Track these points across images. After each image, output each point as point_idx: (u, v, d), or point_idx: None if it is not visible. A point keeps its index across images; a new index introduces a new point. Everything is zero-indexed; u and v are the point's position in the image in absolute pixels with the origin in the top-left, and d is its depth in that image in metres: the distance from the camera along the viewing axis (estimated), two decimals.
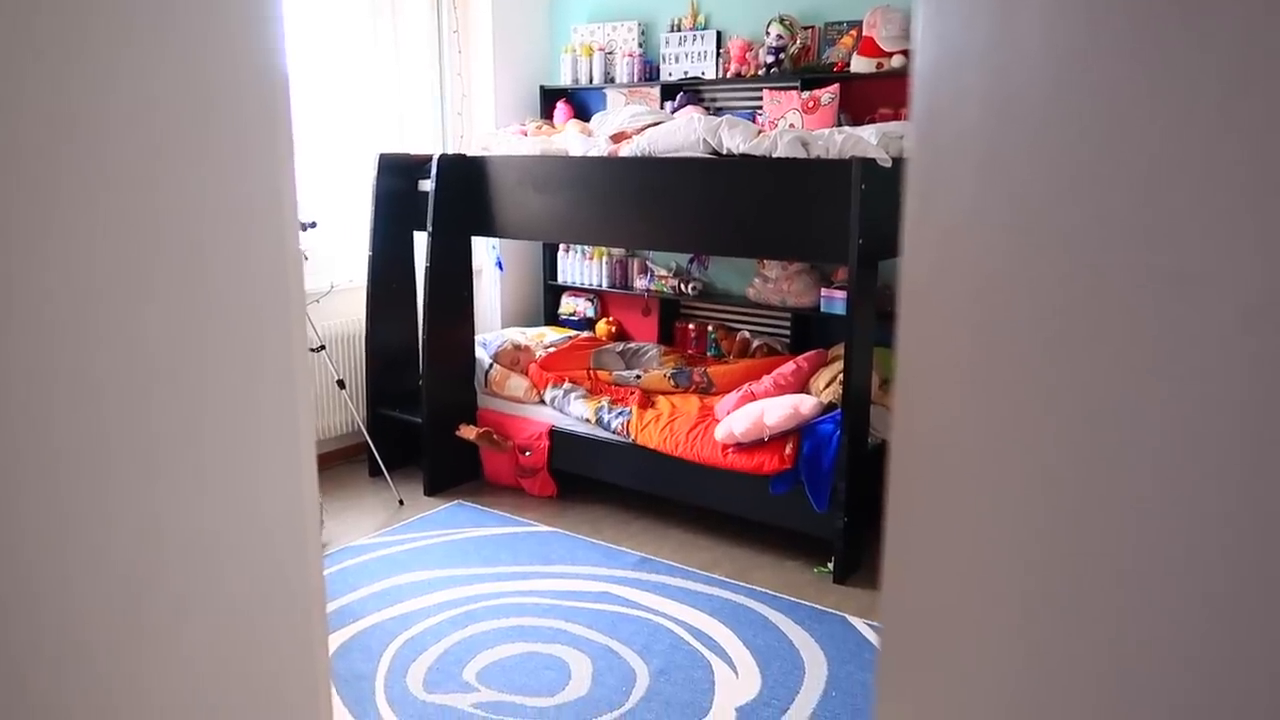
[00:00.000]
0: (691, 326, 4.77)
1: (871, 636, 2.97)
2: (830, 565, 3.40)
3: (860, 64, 4.01)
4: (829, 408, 3.49)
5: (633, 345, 4.57)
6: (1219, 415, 0.38)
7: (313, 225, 3.84)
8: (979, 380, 0.45)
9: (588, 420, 3.94)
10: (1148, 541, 0.41)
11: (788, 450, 3.40)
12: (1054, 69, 0.41)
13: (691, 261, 4.72)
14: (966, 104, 0.43)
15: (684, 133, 3.60)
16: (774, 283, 4.25)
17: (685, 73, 4.65)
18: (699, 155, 3.57)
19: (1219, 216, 0.37)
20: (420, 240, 4.24)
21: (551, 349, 4.46)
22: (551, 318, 5.20)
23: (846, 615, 3.11)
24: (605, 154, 3.83)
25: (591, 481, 4.06)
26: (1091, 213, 0.40)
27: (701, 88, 4.66)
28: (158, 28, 0.62)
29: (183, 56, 0.63)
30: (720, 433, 3.53)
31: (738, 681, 2.74)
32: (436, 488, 4.16)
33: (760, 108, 4.33)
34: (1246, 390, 0.37)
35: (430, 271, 4.05)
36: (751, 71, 4.39)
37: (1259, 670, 0.38)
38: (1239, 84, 0.36)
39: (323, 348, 4.03)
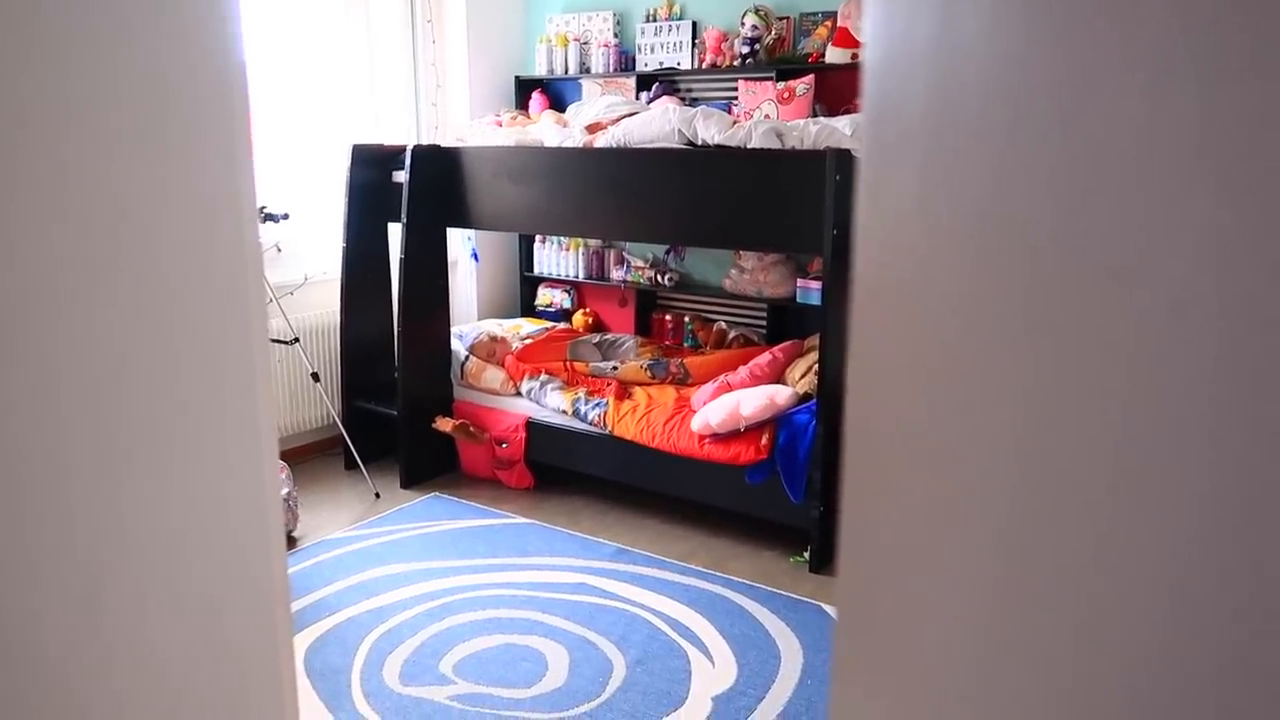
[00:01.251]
0: (668, 317, 4.76)
1: None
2: (806, 555, 3.42)
3: (835, 55, 4.02)
4: (805, 398, 3.50)
5: (609, 336, 4.57)
6: (1153, 403, 0.39)
7: (285, 217, 3.81)
8: (926, 368, 0.45)
9: (564, 412, 3.94)
10: (1090, 523, 0.41)
11: (764, 441, 3.41)
12: (994, 67, 0.41)
13: (668, 252, 4.72)
14: (911, 100, 0.44)
15: (659, 123, 3.60)
16: (750, 273, 4.25)
17: (661, 63, 4.64)
18: (674, 146, 3.57)
19: (1149, 212, 0.38)
20: (395, 232, 4.22)
21: (528, 340, 4.44)
22: (528, 309, 5.18)
23: (822, 604, 3.13)
24: (581, 145, 3.82)
25: (568, 473, 4.05)
26: (1029, 207, 0.41)
27: (677, 78, 4.65)
28: (110, 19, 0.61)
29: (135, 46, 0.62)
30: (697, 423, 3.54)
31: (714, 671, 2.75)
32: (413, 480, 4.14)
33: (735, 98, 4.33)
34: (1178, 379, 0.38)
35: (405, 263, 4.03)
36: (727, 62, 4.38)
37: (1204, 646, 0.39)
38: (1167, 84, 0.37)
39: (297, 340, 4.00)
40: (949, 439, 0.45)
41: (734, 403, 3.47)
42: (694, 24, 4.54)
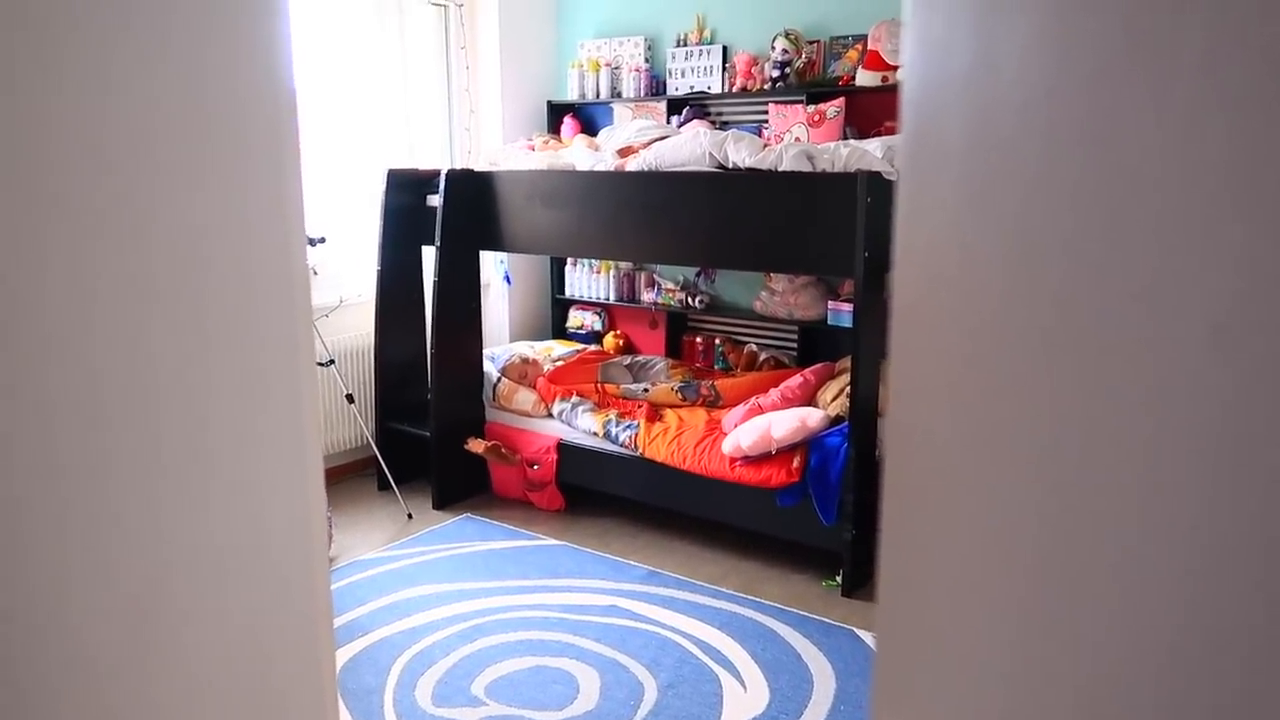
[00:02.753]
0: (699, 340, 4.77)
1: None
2: (838, 578, 3.40)
3: (865, 77, 4.02)
4: (836, 420, 3.48)
5: (640, 358, 4.58)
6: (1190, 426, 0.39)
7: (322, 240, 3.86)
8: (967, 392, 0.46)
9: (595, 433, 3.95)
10: (1133, 546, 0.41)
11: (795, 463, 3.40)
12: (1030, 93, 0.42)
13: (699, 275, 4.73)
14: (949, 130, 0.44)
15: (690, 147, 3.62)
16: (781, 296, 4.25)
17: (691, 87, 4.67)
18: (705, 169, 3.59)
19: (1187, 235, 0.38)
20: (429, 255, 4.27)
21: (559, 362, 4.47)
22: (559, 331, 5.21)
23: (855, 629, 3.10)
24: (612, 168, 3.85)
25: (599, 495, 4.06)
26: (1067, 230, 0.41)
27: (707, 102, 4.68)
28: (164, 46, 0.63)
29: (190, 73, 0.64)
30: (728, 446, 3.53)
31: (746, 695, 2.73)
32: (445, 501, 4.16)
33: (766, 121, 4.35)
34: (1215, 403, 0.38)
35: (439, 286, 4.07)
36: (757, 86, 4.41)
37: (1251, 680, 0.38)
38: (1202, 111, 0.37)
39: (332, 362, 4.05)
40: (988, 460, 0.45)
41: (765, 425, 3.46)
42: (724, 48, 4.57)
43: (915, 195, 0.47)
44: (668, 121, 4.60)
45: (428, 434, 4.16)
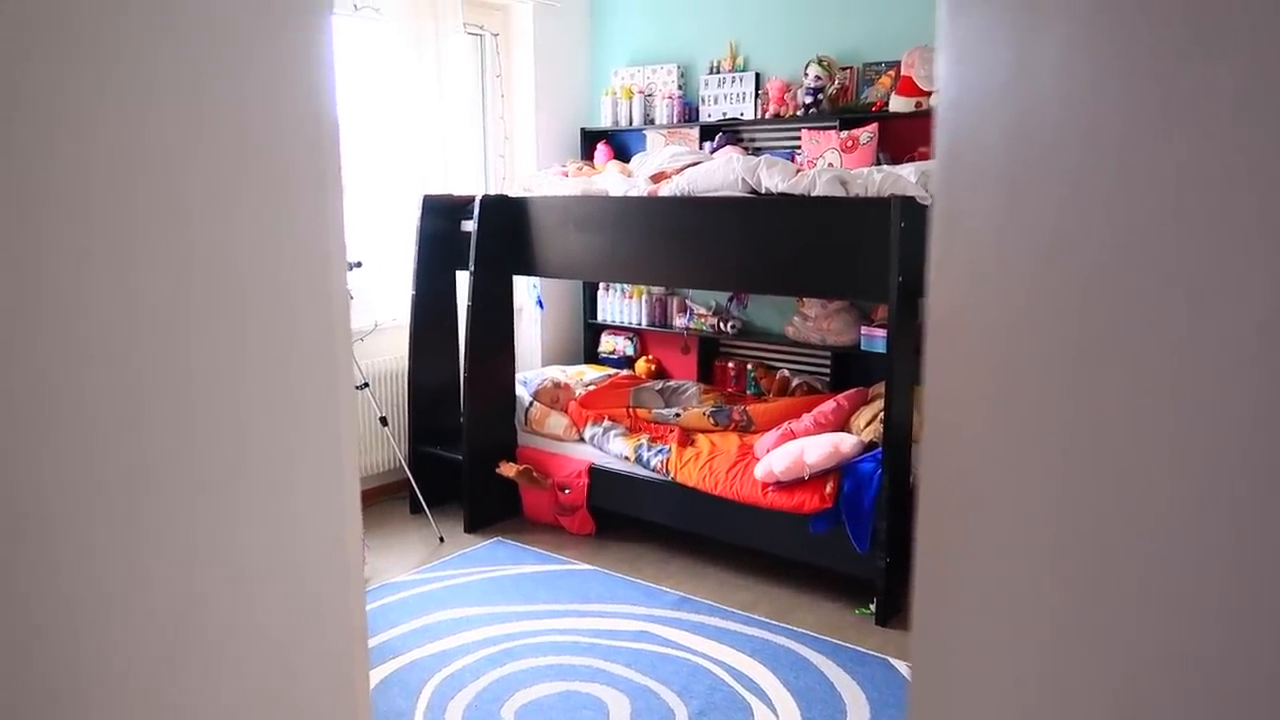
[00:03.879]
0: (731, 365, 4.76)
1: None
2: (872, 607, 3.35)
3: (899, 103, 4.03)
4: (870, 446, 3.46)
5: (672, 383, 4.58)
6: (1242, 430, 0.38)
7: (358, 265, 3.92)
8: (1006, 410, 0.45)
9: (627, 458, 3.95)
10: (1178, 572, 0.41)
11: (828, 489, 3.37)
12: (1067, 105, 0.42)
13: (731, 300, 4.73)
14: (986, 140, 0.45)
15: (723, 172, 3.63)
16: (813, 321, 4.24)
17: (724, 114, 4.70)
18: (738, 194, 3.60)
19: (1230, 236, 0.38)
20: (463, 279, 4.31)
21: (591, 387, 4.48)
22: (591, 356, 5.23)
23: (889, 658, 3.06)
24: (645, 194, 3.87)
25: (630, 519, 4.05)
26: (1108, 239, 0.41)
27: (740, 128, 4.70)
28: (211, 72, 0.65)
29: (235, 99, 0.66)
30: (760, 471, 3.51)
31: None
32: (476, 525, 4.18)
33: (799, 147, 4.36)
34: (1266, 401, 0.38)
35: (472, 310, 4.11)
36: (790, 112, 4.42)
37: None
38: (1245, 111, 0.37)
39: (366, 385, 4.09)
40: (1024, 481, 0.45)
41: (798, 451, 3.44)
42: (757, 75, 4.59)
43: (952, 207, 0.47)
44: (700, 148, 4.62)
45: (460, 457, 4.19)
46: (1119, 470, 0.42)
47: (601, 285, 5.07)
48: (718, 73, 4.72)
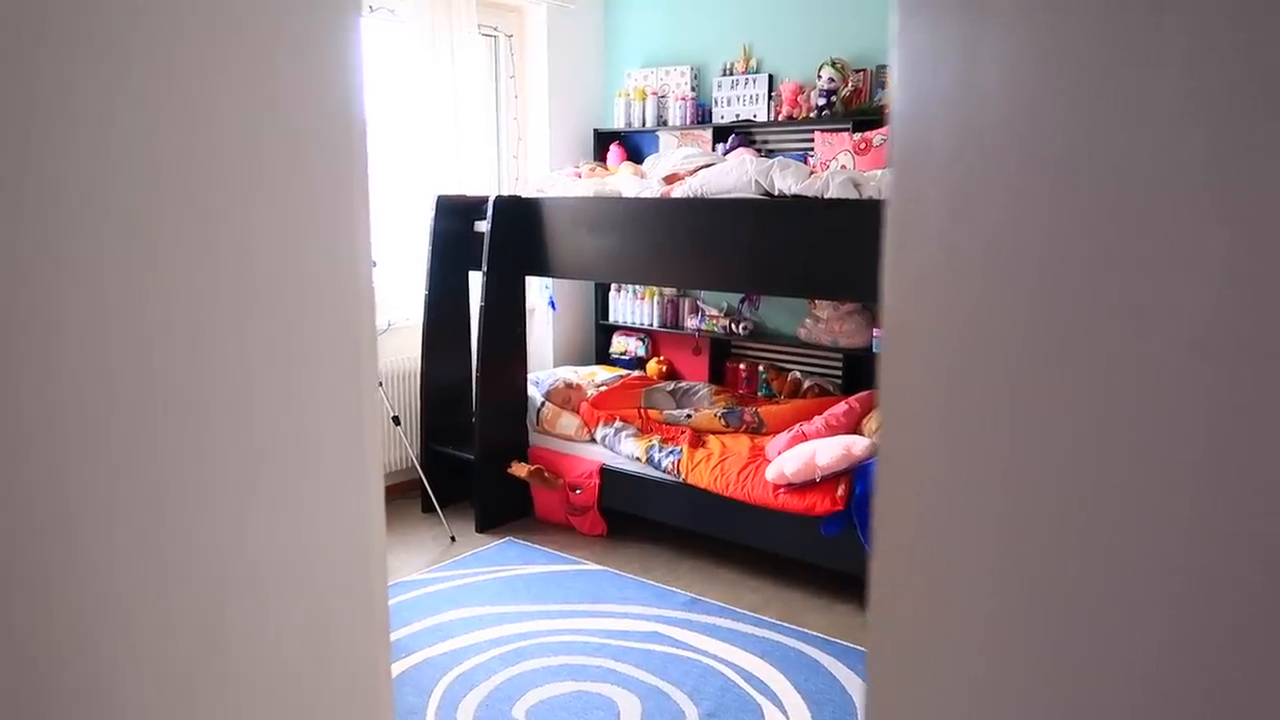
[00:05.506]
0: (742, 366, 4.76)
1: None
2: None
3: None
4: None
5: (683, 384, 4.58)
6: (1173, 441, 0.40)
7: (373, 264, 3.93)
8: (956, 414, 0.46)
9: (638, 459, 3.95)
10: (1119, 562, 0.42)
11: (840, 491, 3.37)
12: (1012, 111, 0.43)
13: (742, 301, 4.74)
14: (936, 148, 0.45)
15: (736, 174, 3.63)
16: (825, 323, 4.24)
17: (737, 115, 4.70)
18: (751, 196, 3.60)
19: (1166, 251, 0.39)
20: (475, 280, 4.32)
21: (603, 388, 4.48)
22: (603, 357, 5.24)
23: None
24: (658, 195, 3.88)
25: (641, 520, 4.05)
26: (1052, 250, 0.42)
27: (753, 130, 4.70)
28: (243, 71, 0.66)
29: (267, 97, 0.67)
30: (771, 473, 3.51)
31: None
32: (488, 524, 4.19)
33: (812, 149, 4.36)
34: (1198, 416, 0.39)
35: (485, 311, 4.12)
36: (803, 114, 4.42)
37: (1229, 679, 0.39)
38: (1181, 128, 0.38)
39: (379, 384, 4.11)
40: (975, 476, 0.46)
41: (809, 453, 3.44)
42: (770, 77, 4.60)
43: (903, 219, 0.48)
44: (713, 149, 4.62)
45: (471, 457, 4.20)
46: (1065, 472, 0.43)
47: (613, 286, 5.08)
48: (731, 74, 4.73)
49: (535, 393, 4.41)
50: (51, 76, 0.58)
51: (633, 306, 5.01)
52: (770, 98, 4.59)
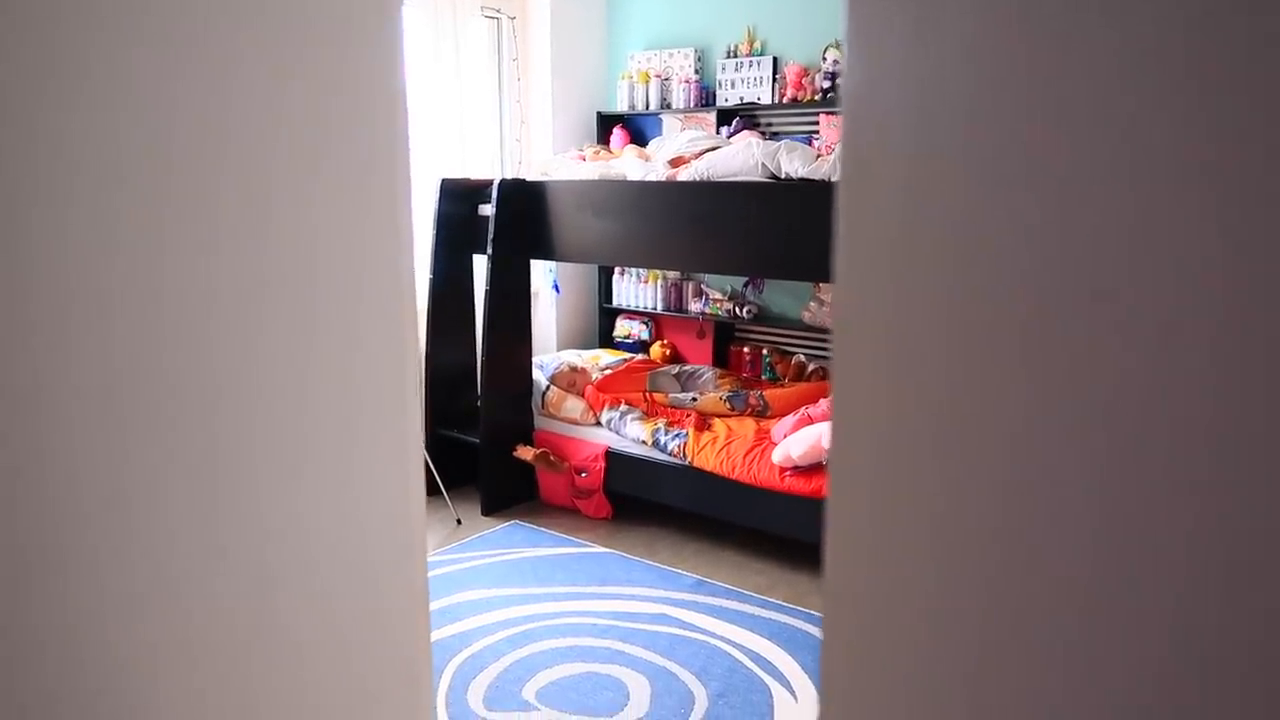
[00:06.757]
0: (746, 350, 4.77)
1: None
2: None
3: None
4: None
5: (688, 368, 4.59)
6: (1141, 424, 0.39)
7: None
8: (908, 397, 0.46)
9: (644, 442, 3.96)
10: (1078, 538, 0.41)
11: None
12: (969, 90, 0.42)
13: (746, 285, 4.74)
14: (889, 130, 0.44)
15: (742, 157, 3.63)
16: (830, 306, 4.24)
17: (741, 98, 4.69)
18: (757, 179, 3.60)
19: (1131, 236, 0.38)
20: (480, 263, 4.32)
21: (607, 371, 4.49)
22: (606, 340, 5.24)
23: None
24: (664, 178, 3.87)
25: (647, 503, 4.07)
26: (1009, 233, 0.41)
27: (757, 113, 4.69)
28: (292, 62, 0.66)
29: (317, 87, 0.67)
30: (777, 456, 3.53)
31: (797, 706, 2.72)
32: (493, 507, 4.20)
33: (816, 132, 4.35)
34: (1166, 400, 0.38)
35: (489, 294, 4.12)
36: (808, 96, 4.41)
37: (1184, 671, 0.39)
38: (1143, 108, 0.37)
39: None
40: (933, 459, 0.45)
41: (816, 435, 3.45)
42: (774, 59, 4.58)
43: (856, 201, 0.46)
44: (717, 132, 4.61)
45: (477, 440, 4.21)
46: (1022, 449, 0.42)
47: (617, 270, 5.07)
48: (735, 57, 4.71)
49: (540, 376, 4.41)
50: (114, 64, 0.58)
51: (636, 290, 5.01)
52: (775, 80, 4.58)
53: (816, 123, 4.36)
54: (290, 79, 0.66)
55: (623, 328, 5.19)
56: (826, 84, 4.30)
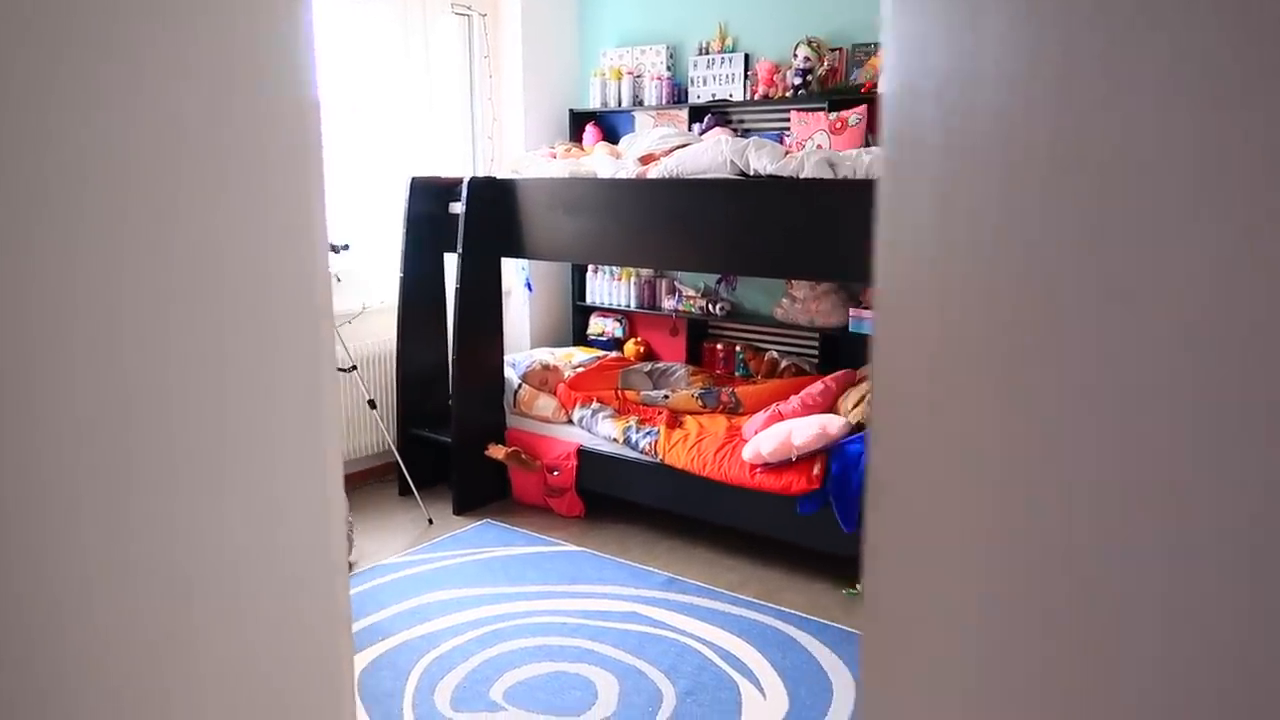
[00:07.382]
0: (719, 346, 4.77)
1: None
2: (859, 587, 3.37)
3: None
4: (857, 428, 3.47)
5: (660, 365, 4.58)
6: (1164, 426, 0.39)
7: (345, 248, 3.90)
8: (944, 393, 0.46)
9: (615, 440, 3.96)
10: (1104, 541, 0.42)
11: (815, 471, 3.39)
12: (1005, 91, 0.42)
13: (719, 282, 4.73)
14: (926, 126, 0.45)
15: (712, 154, 3.62)
16: (802, 303, 4.25)
17: (713, 95, 4.68)
18: (727, 176, 3.59)
19: (1158, 236, 0.39)
20: (451, 262, 4.29)
21: (580, 369, 4.48)
22: (580, 338, 5.23)
23: None
24: (634, 176, 3.86)
25: (619, 501, 4.06)
26: (1043, 233, 0.42)
27: (729, 109, 4.69)
28: (189, 56, 0.65)
29: (213, 82, 0.65)
30: (748, 453, 3.53)
31: (765, 703, 2.72)
32: (465, 507, 4.18)
33: (788, 129, 4.35)
34: (1189, 402, 0.39)
35: (460, 293, 4.10)
36: (779, 93, 4.41)
37: (1214, 669, 0.39)
38: (1174, 110, 0.38)
39: (354, 368, 4.08)
40: (965, 461, 0.46)
41: (786, 432, 3.46)
42: (746, 56, 4.58)
43: (895, 201, 0.47)
44: (689, 129, 4.61)
45: (449, 440, 4.19)
46: (1051, 446, 0.43)
47: (590, 267, 5.06)
48: (707, 54, 4.70)
49: (512, 375, 4.40)
50: (19, 77, 0.56)
51: (610, 288, 5.00)
52: (746, 77, 4.57)
53: (788, 119, 4.36)
54: (191, 75, 0.64)
55: (596, 325, 5.18)
56: (798, 80, 4.30)
